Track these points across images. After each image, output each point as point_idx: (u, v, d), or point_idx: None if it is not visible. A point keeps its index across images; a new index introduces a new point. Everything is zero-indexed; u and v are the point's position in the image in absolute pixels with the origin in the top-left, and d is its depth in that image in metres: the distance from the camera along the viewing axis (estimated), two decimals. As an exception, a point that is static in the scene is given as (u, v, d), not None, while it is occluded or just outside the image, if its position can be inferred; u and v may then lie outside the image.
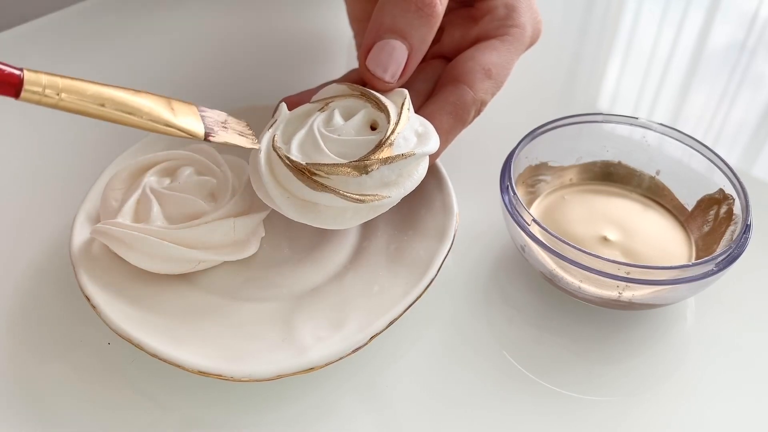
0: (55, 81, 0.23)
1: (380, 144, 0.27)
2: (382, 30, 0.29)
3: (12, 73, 0.22)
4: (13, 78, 0.22)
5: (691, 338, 0.30)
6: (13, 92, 0.22)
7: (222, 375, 0.25)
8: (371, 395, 0.27)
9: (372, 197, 0.27)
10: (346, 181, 0.27)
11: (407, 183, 0.28)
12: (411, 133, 0.28)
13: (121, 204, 0.30)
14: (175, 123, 0.25)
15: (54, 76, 0.23)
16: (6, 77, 0.22)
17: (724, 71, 0.47)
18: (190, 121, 0.26)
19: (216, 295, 0.29)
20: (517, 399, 0.27)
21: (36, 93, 0.22)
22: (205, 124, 0.27)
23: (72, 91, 0.23)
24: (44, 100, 0.22)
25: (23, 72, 0.22)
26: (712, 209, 0.31)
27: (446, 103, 0.31)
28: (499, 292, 0.31)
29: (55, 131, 0.40)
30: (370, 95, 0.29)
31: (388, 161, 0.27)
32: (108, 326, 0.26)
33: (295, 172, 0.27)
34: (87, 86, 0.23)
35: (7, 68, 0.22)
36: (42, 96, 0.22)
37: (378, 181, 0.27)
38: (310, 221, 0.28)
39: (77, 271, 0.28)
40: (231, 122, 0.28)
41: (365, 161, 0.27)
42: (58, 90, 0.23)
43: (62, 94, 0.23)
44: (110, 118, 0.24)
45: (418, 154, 0.28)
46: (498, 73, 0.32)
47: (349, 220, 0.28)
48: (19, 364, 0.28)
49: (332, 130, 0.28)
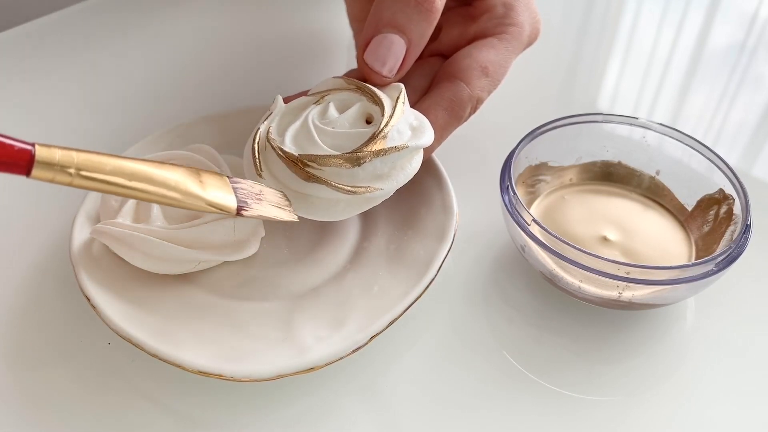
0: (70, 156, 0.20)
1: (373, 136, 0.27)
2: (381, 24, 0.29)
3: (22, 149, 0.19)
4: (23, 155, 0.19)
5: (691, 338, 0.30)
6: (24, 171, 0.20)
7: (222, 375, 0.25)
8: (371, 395, 0.27)
9: (364, 189, 0.27)
10: (339, 172, 0.27)
11: (400, 176, 0.28)
12: (405, 127, 0.28)
13: (121, 204, 0.30)
14: (204, 197, 0.23)
15: (69, 150, 0.20)
16: (15, 155, 0.19)
17: (724, 71, 0.47)
18: (220, 195, 0.24)
19: (216, 295, 0.29)
20: (517, 399, 0.27)
21: (49, 171, 0.20)
22: (238, 196, 0.25)
23: (89, 167, 0.21)
24: (58, 178, 0.20)
25: (35, 148, 0.19)
26: (712, 209, 0.31)
27: (442, 99, 0.31)
28: (499, 292, 0.31)
29: (55, 131, 0.40)
30: (366, 89, 0.29)
31: (381, 153, 0.27)
32: (108, 326, 0.26)
33: (288, 163, 0.27)
34: (106, 160, 0.21)
35: (16, 144, 0.19)
36: (55, 174, 0.20)
37: (371, 174, 0.27)
38: (302, 212, 0.28)
39: (77, 271, 0.28)
40: (266, 193, 0.27)
41: (358, 153, 0.27)
42: (72, 166, 0.20)
43: (79, 171, 0.20)
44: (132, 195, 0.22)
45: (411, 147, 0.28)
46: (495, 71, 0.32)
47: (341, 212, 0.28)
48: (20, 364, 0.28)
49: (327, 122, 0.28)
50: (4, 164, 0.19)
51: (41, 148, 0.20)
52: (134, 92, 0.42)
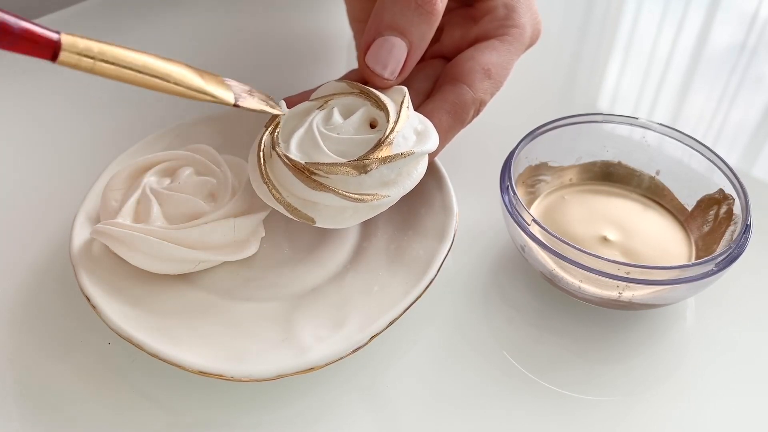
0: (91, 46, 0.23)
1: (379, 143, 0.27)
2: (382, 27, 0.29)
3: (49, 36, 0.22)
4: (50, 41, 0.22)
5: (691, 338, 0.30)
6: (50, 55, 0.22)
7: (223, 375, 0.25)
8: (371, 395, 0.27)
9: (371, 197, 0.27)
10: (346, 180, 0.27)
11: (407, 182, 0.28)
12: (410, 132, 0.28)
13: (121, 204, 0.30)
14: (206, 89, 0.26)
15: (90, 40, 0.23)
16: (43, 40, 0.22)
17: (724, 71, 0.47)
18: (219, 89, 0.26)
19: (216, 295, 0.29)
20: (517, 399, 0.27)
21: (73, 56, 0.22)
22: (233, 91, 0.27)
23: (107, 56, 0.23)
24: (81, 63, 0.22)
25: (60, 35, 0.22)
26: (712, 209, 0.31)
27: (445, 102, 0.31)
28: (499, 292, 0.31)
29: (55, 131, 0.40)
30: (370, 93, 0.29)
31: (388, 160, 0.27)
32: (108, 327, 0.26)
33: (295, 172, 0.27)
34: (122, 52, 0.24)
35: (45, 31, 0.22)
36: (79, 60, 0.22)
37: (377, 181, 0.27)
38: (309, 221, 0.28)
39: (77, 271, 0.28)
40: (255, 92, 0.28)
41: (364, 160, 0.27)
42: (93, 54, 0.23)
43: (98, 59, 0.23)
44: (143, 83, 0.24)
45: (417, 153, 0.28)
46: (497, 73, 0.32)
47: (348, 220, 0.28)
48: (20, 365, 0.28)
49: (331, 128, 0.28)
50: (34, 46, 0.21)
51: (67, 36, 0.22)
52: (134, 92, 0.42)
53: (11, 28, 0.21)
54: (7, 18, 0.21)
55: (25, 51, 0.21)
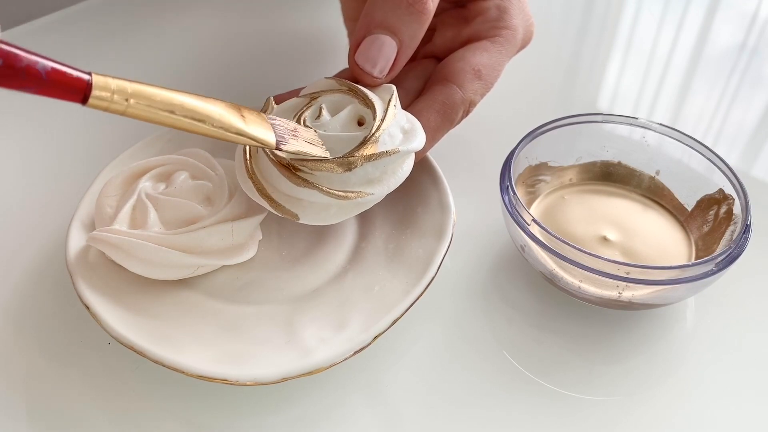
0: (124, 86, 0.21)
1: (365, 140, 0.27)
2: (372, 25, 0.29)
3: (80, 77, 0.20)
4: (80, 83, 0.20)
5: (691, 338, 0.30)
6: (80, 98, 0.20)
7: (227, 379, 0.25)
8: (374, 394, 0.27)
9: (356, 194, 0.27)
10: (330, 177, 0.27)
11: (391, 180, 0.28)
12: (397, 130, 0.28)
13: (117, 210, 0.29)
14: (246, 131, 0.24)
15: (123, 80, 0.21)
16: (73, 82, 0.20)
17: (724, 71, 0.47)
18: (261, 130, 0.25)
19: (216, 300, 0.29)
20: (517, 399, 0.27)
21: (104, 99, 0.21)
22: (276, 132, 0.26)
23: (141, 97, 0.22)
24: (112, 106, 0.21)
25: (92, 76, 0.20)
26: (712, 209, 0.31)
27: (435, 102, 0.31)
28: (499, 292, 0.31)
29: (54, 131, 0.39)
30: (358, 91, 0.29)
31: (373, 158, 0.27)
32: (109, 334, 0.26)
33: (279, 168, 0.27)
34: (156, 92, 0.22)
35: (75, 72, 0.20)
36: (110, 102, 0.21)
37: (362, 178, 0.27)
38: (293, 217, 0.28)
39: (75, 280, 0.28)
40: (300, 131, 0.27)
41: (349, 158, 0.27)
42: (126, 96, 0.21)
43: (131, 101, 0.21)
44: (180, 126, 0.23)
45: (402, 151, 0.28)
46: (488, 74, 0.32)
47: (332, 217, 0.28)
48: (20, 370, 0.28)
49: (318, 125, 0.28)
50: (63, 90, 0.20)
51: (98, 77, 0.20)
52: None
53: (39, 73, 0.19)
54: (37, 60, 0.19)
55: (53, 95, 0.20)
